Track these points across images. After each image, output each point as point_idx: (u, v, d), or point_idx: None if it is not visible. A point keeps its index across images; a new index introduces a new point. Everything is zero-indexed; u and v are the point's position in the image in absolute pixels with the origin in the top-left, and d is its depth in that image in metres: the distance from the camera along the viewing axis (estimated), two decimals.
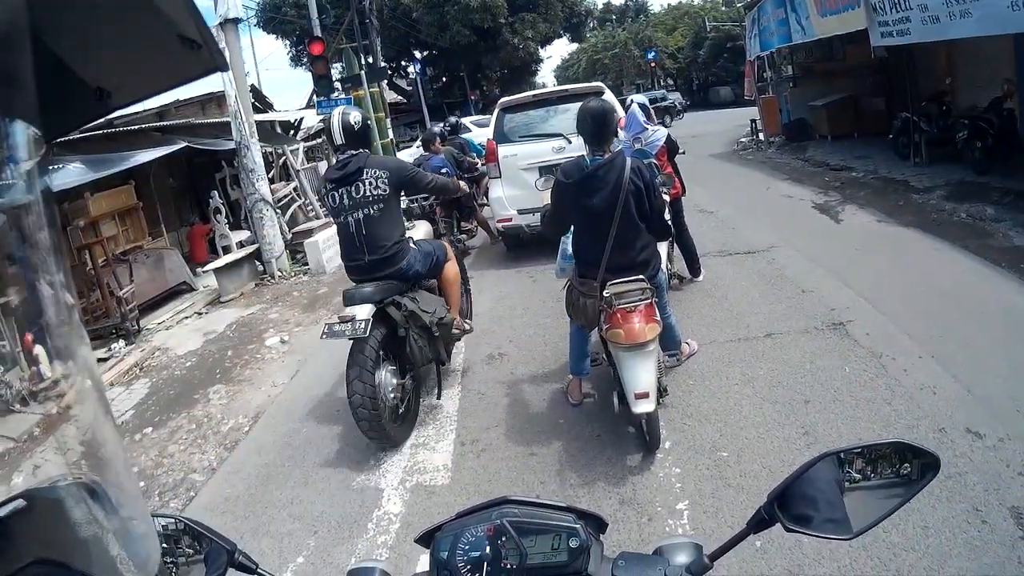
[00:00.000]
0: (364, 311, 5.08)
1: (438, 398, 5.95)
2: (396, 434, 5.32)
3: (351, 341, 5.09)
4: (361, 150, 5.48)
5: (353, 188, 5.31)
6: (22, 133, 0.77)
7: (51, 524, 0.93)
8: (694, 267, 7.82)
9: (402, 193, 5.76)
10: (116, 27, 1.40)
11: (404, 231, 5.67)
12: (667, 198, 5.98)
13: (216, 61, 1.58)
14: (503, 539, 1.31)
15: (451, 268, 6.05)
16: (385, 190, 5.33)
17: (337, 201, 5.37)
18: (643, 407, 4.24)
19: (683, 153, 7.78)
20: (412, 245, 5.66)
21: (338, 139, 5.43)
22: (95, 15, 1.35)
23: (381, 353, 5.19)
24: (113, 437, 0.92)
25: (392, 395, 5.25)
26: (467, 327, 6.30)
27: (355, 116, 5.51)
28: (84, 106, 1.46)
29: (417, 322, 5.30)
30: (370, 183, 5.30)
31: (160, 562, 0.98)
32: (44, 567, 0.91)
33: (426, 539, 1.41)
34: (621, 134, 6.56)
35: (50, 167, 9.29)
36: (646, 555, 1.31)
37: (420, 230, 6.70)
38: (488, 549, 1.30)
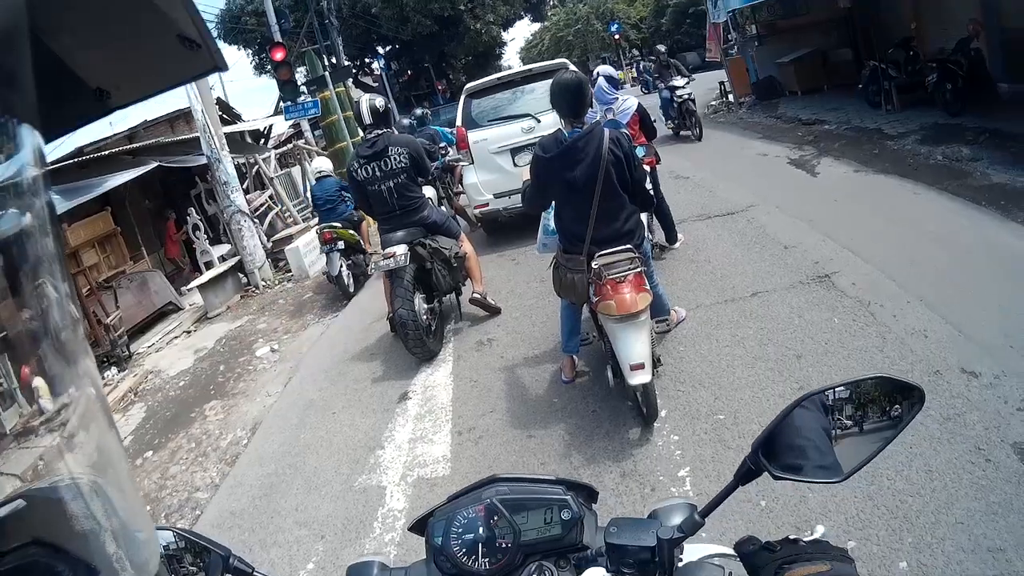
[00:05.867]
0: (402, 248, 6.45)
1: (457, 321, 7.59)
2: (432, 346, 6.74)
3: (390, 278, 6.55)
4: (385, 129, 6.76)
5: (382, 162, 6.58)
6: (22, 133, 0.76)
7: (50, 524, 0.93)
8: (671, 234, 7.79)
9: None
10: (116, 27, 1.40)
11: (422, 191, 7.03)
12: (646, 168, 5.96)
13: (216, 61, 1.58)
14: (495, 518, 1.31)
15: (467, 247, 7.29)
16: (406, 162, 6.60)
17: (370, 173, 6.61)
18: (639, 378, 4.23)
19: (655, 121, 7.74)
20: (429, 202, 7.15)
21: (367, 119, 6.72)
22: (95, 15, 1.35)
23: (414, 285, 6.53)
24: (114, 442, 0.91)
25: (425, 317, 6.66)
26: (492, 301, 7.47)
27: (379, 100, 6.88)
28: (84, 106, 1.46)
29: (439, 256, 6.76)
30: (395, 157, 6.58)
31: (160, 567, 0.97)
32: (38, 548, 0.90)
33: (420, 526, 1.41)
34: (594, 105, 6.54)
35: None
36: (638, 519, 1.31)
37: (428, 192, 8.16)
38: (481, 530, 1.31)
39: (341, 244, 9.92)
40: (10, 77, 0.74)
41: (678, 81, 15.79)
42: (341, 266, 10.00)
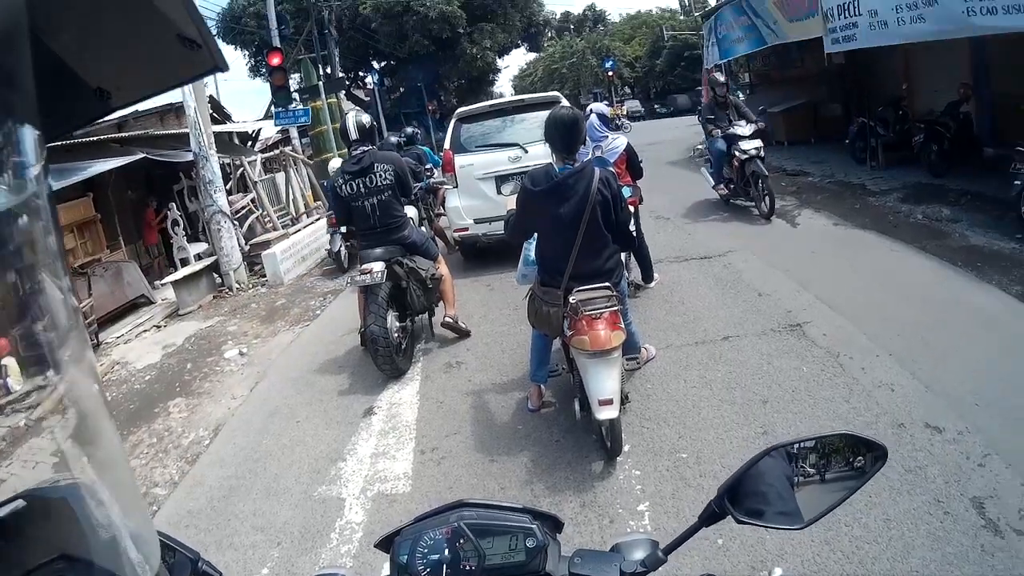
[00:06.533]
0: (379, 265, 6.47)
1: (427, 341, 7.60)
2: (401, 364, 6.74)
3: (365, 294, 6.57)
4: (370, 146, 6.77)
5: (367, 179, 6.59)
6: (22, 133, 0.77)
7: (52, 524, 0.94)
8: (647, 274, 7.84)
9: None
10: (116, 27, 1.41)
11: (405, 209, 7.07)
12: (630, 208, 6.01)
13: (216, 61, 1.59)
14: (461, 541, 1.32)
15: (444, 270, 7.33)
16: (391, 179, 6.65)
17: (355, 189, 6.62)
18: (607, 414, 4.25)
19: (641, 162, 7.79)
20: (411, 222, 7.24)
21: (353, 135, 6.69)
22: (95, 15, 1.36)
23: (388, 303, 6.54)
24: (112, 437, 0.92)
25: (396, 335, 6.65)
26: (463, 325, 7.49)
27: (365, 117, 6.90)
28: (84, 106, 1.46)
29: (416, 276, 6.83)
30: (380, 174, 6.61)
31: (160, 562, 0.98)
32: (66, 562, 0.91)
33: (386, 544, 1.41)
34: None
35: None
36: (602, 552, 1.32)
37: (410, 212, 8.24)
38: (447, 551, 1.32)
39: (344, 228, 10.68)
40: (10, 77, 0.74)
41: (742, 128, 11.08)
42: (341, 246, 11.99)
